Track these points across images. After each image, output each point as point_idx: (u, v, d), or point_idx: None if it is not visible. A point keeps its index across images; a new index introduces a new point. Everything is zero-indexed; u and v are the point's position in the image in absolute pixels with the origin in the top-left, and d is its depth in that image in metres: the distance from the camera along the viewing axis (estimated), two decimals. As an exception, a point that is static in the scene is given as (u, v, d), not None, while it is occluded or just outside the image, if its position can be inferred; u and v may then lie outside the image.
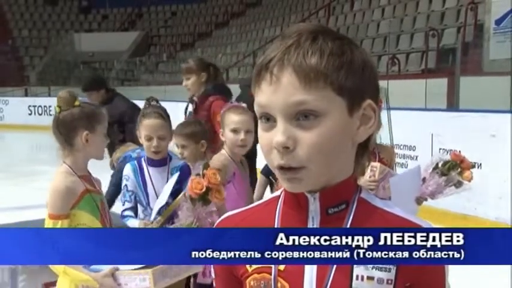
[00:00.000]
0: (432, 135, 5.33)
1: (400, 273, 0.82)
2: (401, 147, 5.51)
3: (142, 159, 2.58)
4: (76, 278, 1.94)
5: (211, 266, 0.95)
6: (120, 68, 20.70)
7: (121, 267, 1.89)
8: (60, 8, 25.49)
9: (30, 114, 16.27)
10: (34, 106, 16.44)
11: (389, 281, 0.82)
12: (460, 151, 2.73)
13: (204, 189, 2.02)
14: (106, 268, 1.88)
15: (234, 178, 2.35)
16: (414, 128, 5.47)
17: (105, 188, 2.60)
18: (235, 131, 2.35)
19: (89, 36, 22.66)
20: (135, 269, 1.87)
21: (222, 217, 0.95)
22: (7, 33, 23.03)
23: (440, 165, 2.57)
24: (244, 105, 2.43)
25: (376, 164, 2.67)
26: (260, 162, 4.01)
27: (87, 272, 1.90)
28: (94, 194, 2.10)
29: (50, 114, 16.21)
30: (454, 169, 2.57)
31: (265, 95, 0.79)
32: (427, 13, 10.41)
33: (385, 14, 11.86)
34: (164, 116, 2.56)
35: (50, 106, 16.29)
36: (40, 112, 16.34)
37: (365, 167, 0.92)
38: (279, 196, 0.90)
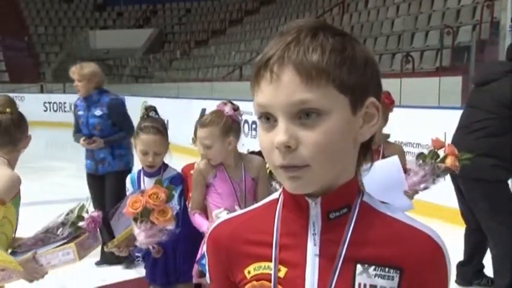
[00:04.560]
0: (445, 133, 5.28)
1: (403, 282, 0.80)
2: (414, 145, 5.47)
3: (141, 168, 2.61)
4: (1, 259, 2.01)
5: (207, 271, 0.91)
6: (135, 65, 20.82)
7: (39, 250, 2.02)
8: (75, 5, 25.71)
9: (45, 110, 16.46)
10: (49, 102, 16.63)
11: None
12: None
13: (140, 209, 1.95)
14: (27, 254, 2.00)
15: (215, 180, 2.35)
16: (427, 126, 5.42)
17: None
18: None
19: (104, 33, 22.83)
20: (56, 247, 2.01)
21: (218, 221, 0.91)
22: (24, 30, 23.29)
23: (423, 155, 2.49)
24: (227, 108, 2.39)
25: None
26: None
27: (11, 257, 2.01)
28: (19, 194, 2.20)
29: (65, 111, 16.37)
30: (434, 157, 2.47)
31: (265, 94, 0.76)
32: (443, 10, 10.31)
33: (399, 11, 11.78)
34: (162, 130, 2.55)
35: (64, 103, 16.46)
36: (55, 109, 16.53)
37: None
38: (277, 199, 0.87)
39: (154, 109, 2.65)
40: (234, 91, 10.26)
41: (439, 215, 5.22)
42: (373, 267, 0.79)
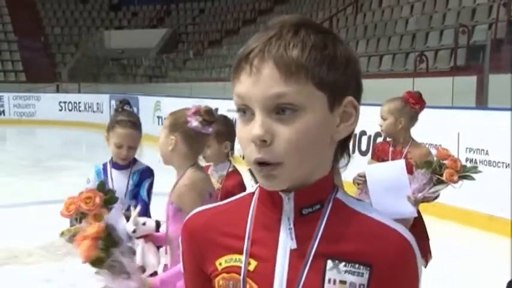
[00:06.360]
0: (459, 134, 5.22)
1: (372, 278, 0.80)
2: (427, 145, 5.42)
3: (108, 161, 2.64)
4: None
5: (180, 260, 0.92)
6: (148, 65, 20.94)
7: None
8: (91, 5, 25.95)
9: (60, 110, 16.64)
10: (64, 102, 16.80)
11: (362, 286, 0.80)
12: (443, 147, 2.54)
13: (72, 212, 1.87)
14: None
15: None
16: (440, 126, 5.37)
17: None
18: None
19: (118, 33, 23.01)
20: None
21: (193, 212, 0.91)
22: (40, 31, 23.56)
23: (428, 164, 2.41)
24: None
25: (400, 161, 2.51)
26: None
27: None
28: None
29: (80, 111, 16.55)
30: (437, 167, 2.38)
31: (244, 86, 0.77)
32: (458, 9, 10.21)
33: (414, 10, 11.68)
34: (137, 124, 2.57)
35: (79, 102, 16.63)
36: (70, 108, 16.70)
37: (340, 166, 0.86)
38: (253, 193, 0.87)
39: (128, 102, 2.70)
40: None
41: (450, 216, 5.18)
42: (343, 263, 0.80)
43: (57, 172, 8.73)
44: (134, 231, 1.97)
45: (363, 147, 6.41)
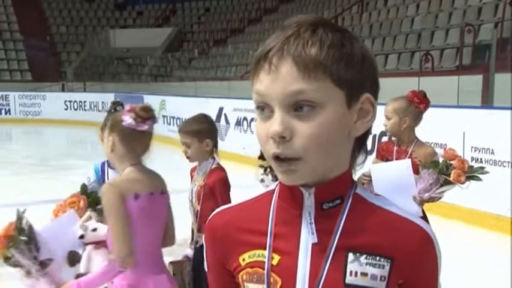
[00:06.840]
0: (464, 133, 5.21)
1: (393, 270, 0.82)
2: (432, 145, 5.41)
3: (105, 160, 2.70)
4: None
5: (204, 258, 0.94)
6: (154, 64, 20.98)
7: None
8: (96, 4, 26.02)
9: (66, 109, 16.69)
10: (70, 101, 16.86)
11: (383, 278, 0.81)
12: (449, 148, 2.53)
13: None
14: None
15: None
16: (446, 125, 5.36)
17: None
18: None
19: (124, 32, 23.05)
20: None
21: (215, 211, 0.93)
22: (46, 30, 23.64)
23: (434, 164, 2.41)
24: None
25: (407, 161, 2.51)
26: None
27: None
28: None
29: (85, 109, 16.60)
30: (444, 168, 2.38)
31: (263, 84, 0.79)
32: (464, 8, 10.17)
33: (419, 9, 11.65)
34: None
35: (85, 101, 16.68)
36: (75, 107, 16.75)
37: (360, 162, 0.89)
38: (274, 190, 0.89)
39: (121, 104, 2.73)
40: (250, 90, 10.24)
41: (455, 215, 5.16)
42: (364, 255, 0.82)
43: (63, 171, 8.77)
44: (82, 237, 1.95)
45: (368, 147, 6.41)
